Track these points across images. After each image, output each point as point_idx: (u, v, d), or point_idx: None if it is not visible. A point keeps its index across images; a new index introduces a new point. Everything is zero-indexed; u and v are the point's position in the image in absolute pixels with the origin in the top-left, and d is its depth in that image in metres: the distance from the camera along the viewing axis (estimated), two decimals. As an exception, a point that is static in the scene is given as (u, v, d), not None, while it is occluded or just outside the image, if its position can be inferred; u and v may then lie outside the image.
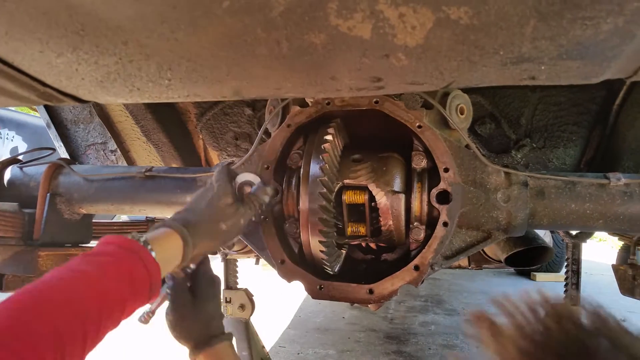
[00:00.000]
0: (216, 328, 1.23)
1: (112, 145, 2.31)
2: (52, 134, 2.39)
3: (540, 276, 7.07)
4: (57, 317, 0.73)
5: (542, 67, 0.78)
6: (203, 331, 1.20)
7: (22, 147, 5.76)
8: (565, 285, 2.50)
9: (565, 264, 2.55)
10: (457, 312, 5.13)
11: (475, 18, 0.65)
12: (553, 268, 6.88)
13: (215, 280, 1.27)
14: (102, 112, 2.21)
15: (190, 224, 1.06)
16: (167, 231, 1.01)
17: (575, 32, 0.66)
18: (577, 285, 2.48)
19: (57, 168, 1.74)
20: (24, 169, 1.83)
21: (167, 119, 2.18)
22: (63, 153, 2.41)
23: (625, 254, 2.60)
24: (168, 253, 0.98)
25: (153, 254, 0.92)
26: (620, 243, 2.80)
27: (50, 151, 1.94)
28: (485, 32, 0.68)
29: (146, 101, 1.05)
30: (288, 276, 1.41)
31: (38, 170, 1.78)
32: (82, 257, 0.86)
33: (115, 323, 0.85)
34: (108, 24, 0.74)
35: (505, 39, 0.70)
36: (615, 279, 2.16)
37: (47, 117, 2.33)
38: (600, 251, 10.12)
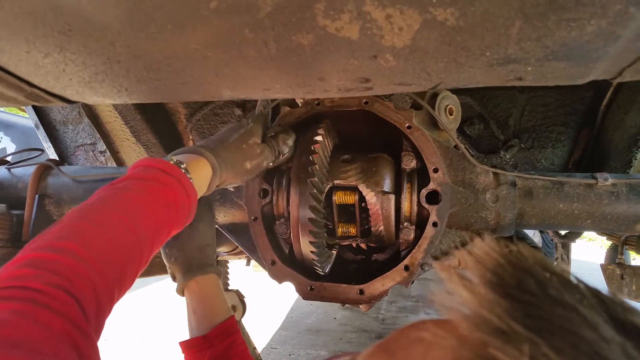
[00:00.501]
0: (210, 256, 1.22)
1: (102, 146, 2.30)
2: (41, 134, 2.38)
3: (530, 276, 7.11)
4: (120, 242, 0.75)
5: (529, 68, 0.78)
6: (197, 255, 1.20)
7: (11, 147, 5.70)
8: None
9: (555, 263, 2.57)
10: (448, 312, 5.14)
11: (462, 19, 0.65)
12: (543, 268, 6.91)
13: (212, 205, 1.26)
14: (91, 112, 2.20)
15: (219, 156, 1.05)
16: (200, 159, 1.01)
17: (561, 34, 0.67)
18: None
19: (45, 169, 1.73)
20: (12, 170, 1.81)
21: (156, 120, 2.17)
22: (52, 154, 2.39)
23: (613, 254, 2.63)
24: (200, 181, 0.99)
25: (191, 180, 0.94)
26: (609, 243, 2.83)
27: (39, 152, 1.93)
28: (471, 34, 0.69)
29: (135, 102, 1.05)
30: (279, 277, 1.41)
31: (26, 172, 1.77)
32: (129, 179, 0.86)
33: (160, 246, 0.88)
34: (95, 24, 0.74)
35: (491, 41, 0.70)
36: (603, 279, 2.18)
37: (36, 118, 2.31)
38: (589, 250, 10.20)
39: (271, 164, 1.28)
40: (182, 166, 0.93)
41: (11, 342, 0.52)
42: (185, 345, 1.17)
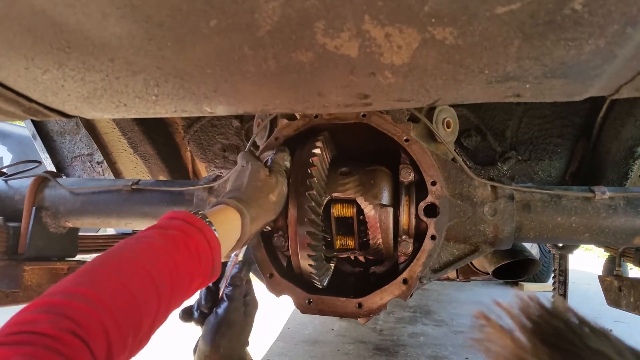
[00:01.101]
0: (244, 354, 1.19)
1: (99, 156, 2.29)
2: (38, 145, 2.37)
3: (528, 286, 7.10)
4: (136, 288, 0.74)
5: (527, 86, 0.79)
6: (239, 350, 1.16)
7: (7, 157, 5.69)
8: (553, 297, 2.52)
9: (553, 274, 2.57)
10: (445, 322, 5.13)
11: (460, 38, 0.66)
12: (541, 278, 6.91)
13: (257, 307, 1.25)
14: (88, 123, 2.20)
15: (242, 200, 1.06)
16: (224, 207, 1.01)
17: (559, 53, 0.67)
18: (564, 295, 2.50)
19: (42, 181, 1.72)
20: (9, 182, 1.81)
21: (154, 131, 2.18)
22: (49, 164, 2.39)
23: (611, 265, 2.63)
24: (228, 230, 0.98)
25: (215, 232, 0.92)
26: (607, 253, 2.83)
27: (36, 164, 1.92)
28: (470, 52, 0.69)
29: (133, 116, 1.05)
30: (276, 290, 1.41)
31: (23, 184, 1.76)
32: (152, 229, 0.86)
33: (182, 299, 0.86)
34: (94, 42, 0.74)
35: (490, 59, 0.71)
36: (601, 290, 2.18)
37: (33, 129, 2.31)
38: (587, 260, 10.20)
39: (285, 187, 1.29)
40: (206, 219, 0.92)
41: None
42: None
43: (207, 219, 0.92)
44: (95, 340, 0.64)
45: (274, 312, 5.25)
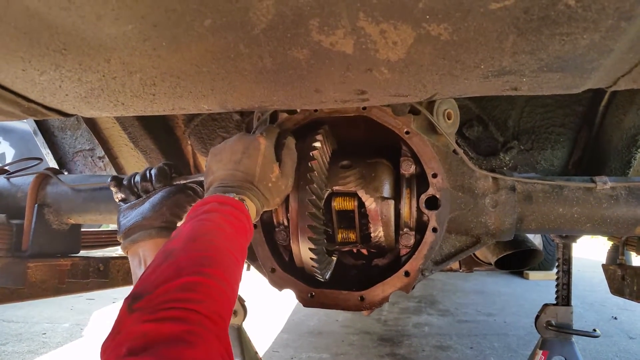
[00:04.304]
0: None
1: (100, 151, 2.30)
2: (40, 141, 2.38)
3: (533, 275, 7.12)
4: (234, 265, 0.86)
5: (524, 79, 0.78)
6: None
7: (10, 152, 5.71)
8: (557, 285, 2.52)
9: (557, 263, 2.57)
10: (450, 312, 5.14)
11: (455, 34, 0.65)
12: (545, 266, 6.92)
13: None
14: (88, 119, 2.20)
15: (260, 199, 1.13)
16: (248, 201, 1.08)
17: (554, 47, 0.67)
18: (568, 285, 2.49)
19: (44, 178, 1.73)
20: (11, 179, 1.82)
21: (154, 126, 2.18)
22: (51, 160, 2.40)
23: (614, 254, 2.63)
24: (252, 215, 1.08)
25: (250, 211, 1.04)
26: (611, 241, 2.82)
27: (38, 161, 1.93)
28: (465, 48, 0.69)
29: (131, 114, 1.05)
30: (279, 284, 1.41)
31: (25, 181, 1.77)
32: (215, 213, 0.95)
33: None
34: (90, 43, 0.74)
35: (485, 54, 0.70)
36: (605, 278, 2.18)
37: (34, 125, 2.32)
38: (592, 248, 10.19)
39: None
40: (245, 203, 1.04)
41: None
42: None
43: (246, 204, 1.04)
44: (228, 315, 0.76)
45: (278, 304, 5.28)
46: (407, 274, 1.34)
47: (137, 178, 1.36)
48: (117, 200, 1.38)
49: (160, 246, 1.23)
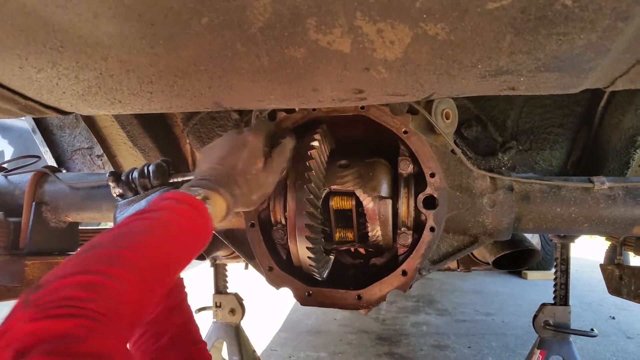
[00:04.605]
0: None
1: (99, 150, 2.29)
2: (38, 139, 2.37)
3: (532, 274, 7.13)
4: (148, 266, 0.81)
5: (521, 79, 0.78)
6: None
7: (8, 150, 5.69)
8: (555, 285, 2.52)
9: (555, 263, 2.57)
10: (448, 312, 5.15)
11: (452, 34, 0.65)
12: (543, 266, 6.93)
13: None
14: (87, 117, 2.19)
15: (233, 194, 1.09)
16: (217, 196, 1.04)
17: (551, 47, 0.67)
18: (566, 284, 2.50)
19: (42, 176, 1.73)
20: (9, 177, 1.81)
21: (153, 124, 2.17)
22: (49, 158, 2.39)
23: (612, 254, 2.63)
24: (216, 216, 1.03)
25: (211, 215, 0.99)
26: (609, 242, 2.83)
27: (36, 159, 1.93)
28: (462, 47, 0.69)
29: (129, 112, 1.05)
30: (276, 283, 1.41)
31: (23, 179, 1.77)
32: (162, 212, 0.92)
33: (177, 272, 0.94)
34: (87, 41, 0.74)
35: (482, 54, 0.70)
36: (603, 278, 2.19)
37: (33, 123, 2.31)
38: (591, 248, 10.19)
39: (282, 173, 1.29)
40: (208, 202, 0.99)
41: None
42: None
43: (208, 203, 0.99)
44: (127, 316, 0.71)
45: (277, 302, 5.28)
46: (404, 273, 1.34)
47: (135, 174, 1.36)
48: (114, 195, 1.37)
49: None
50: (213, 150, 1.18)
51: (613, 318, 4.96)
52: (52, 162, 2.39)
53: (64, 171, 2.27)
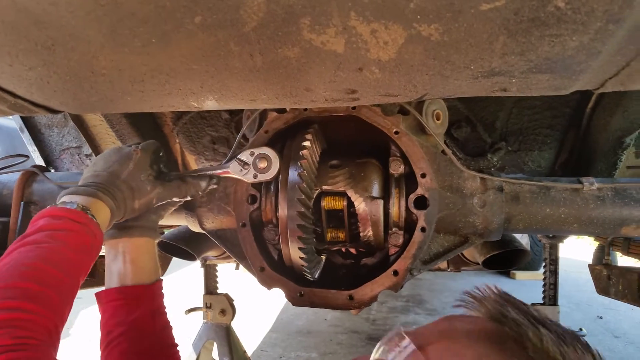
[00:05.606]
0: None
1: (87, 149, 2.27)
2: (26, 138, 2.35)
3: (520, 275, 7.19)
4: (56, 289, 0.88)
5: (513, 80, 0.79)
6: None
7: (-4, 148, 5.62)
8: (544, 285, 2.55)
9: (544, 263, 2.59)
10: (438, 312, 5.17)
11: (446, 35, 0.66)
12: (532, 266, 6.99)
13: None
14: (76, 116, 2.17)
15: (115, 198, 1.11)
16: (99, 202, 1.06)
17: (544, 49, 0.68)
18: (554, 284, 2.52)
19: (30, 176, 1.71)
20: (-3, 177, 1.79)
21: (142, 123, 2.15)
22: (37, 157, 2.37)
23: (600, 254, 2.65)
24: (103, 222, 1.07)
25: (97, 222, 1.03)
26: (597, 242, 2.86)
27: (24, 158, 1.91)
28: (455, 48, 0.69)
29: (120, 112, 1.04)
30: (268, 283, 1.41)
31: (11, 178, 1.75)
32: (40, 232, 0.94)
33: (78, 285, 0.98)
34: (78, 39, 0.73)
35: (475, 55, 0.71)
36: (591, 278, 2.21)
37: (21, 122, 2.28)
38: (579, 248, 10.28)
39: (186, 198, 1.34)
40: (88, 212, 1.01)
41: None
42: (120, 293, 1.20)
43: (89, 212, 1.02)
44: (43, 339, 0.80)
45: (267, 303, 5.27)
46: (395, 273, 1.34)
47: None
48: None
49: (141, 245, 1.25)
50: (99, 160, 1.22)
51: (601, 318, 5.01)
52: (40, 161, 2.37)
53: (53, 170, 2.25)
